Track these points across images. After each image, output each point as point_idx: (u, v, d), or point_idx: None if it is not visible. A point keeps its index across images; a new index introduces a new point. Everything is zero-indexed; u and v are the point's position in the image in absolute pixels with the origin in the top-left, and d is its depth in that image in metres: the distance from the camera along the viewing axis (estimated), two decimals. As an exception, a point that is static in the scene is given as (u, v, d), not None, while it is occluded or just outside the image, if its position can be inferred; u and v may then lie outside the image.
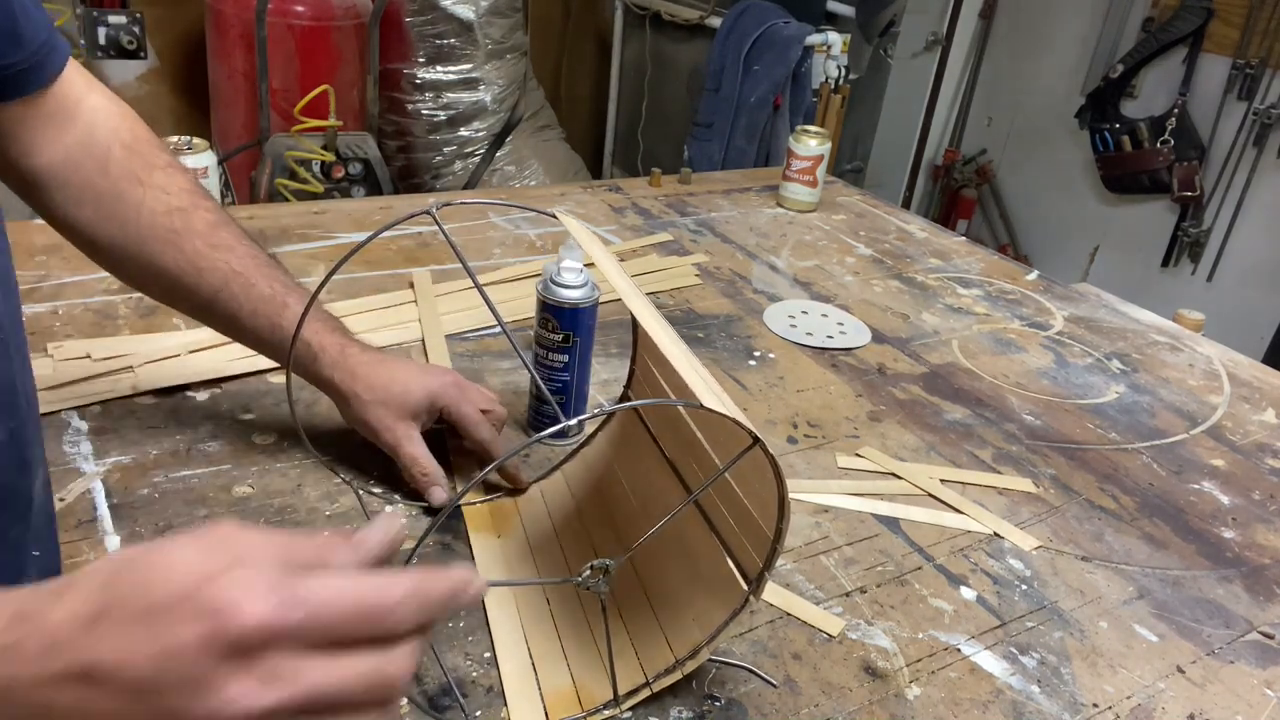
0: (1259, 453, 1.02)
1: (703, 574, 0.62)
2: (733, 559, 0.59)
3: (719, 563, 0.60)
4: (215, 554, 0.35)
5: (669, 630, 0.62)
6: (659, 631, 0.62)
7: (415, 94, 2.74)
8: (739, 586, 0.58)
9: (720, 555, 0.60)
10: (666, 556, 0.65)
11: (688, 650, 0.60)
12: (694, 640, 0.60)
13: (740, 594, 0.58)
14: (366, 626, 0.35)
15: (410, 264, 1.18)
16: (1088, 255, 3.13)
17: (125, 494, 0.74)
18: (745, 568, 0.58)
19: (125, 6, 2.19)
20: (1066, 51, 3.06)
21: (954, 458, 0.94)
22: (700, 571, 0.62)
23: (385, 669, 0.35)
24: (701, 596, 0.61)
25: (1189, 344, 1.25)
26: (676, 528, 0.63)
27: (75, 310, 0.99)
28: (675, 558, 0.64)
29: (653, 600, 0.64)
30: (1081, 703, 0.66)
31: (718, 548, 0.60)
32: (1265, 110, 2.62)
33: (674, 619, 0.62)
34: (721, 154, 2.79)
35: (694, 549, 0.63)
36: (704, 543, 0.62)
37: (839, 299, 1.25)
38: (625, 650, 0.62)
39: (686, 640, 0.60)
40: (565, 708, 0.60)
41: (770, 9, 2.74)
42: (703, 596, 0.61)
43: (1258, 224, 2.73)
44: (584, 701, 0.60)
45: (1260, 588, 0.81)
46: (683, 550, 0.64)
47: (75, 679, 0.33)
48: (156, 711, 0.33)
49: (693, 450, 0.63)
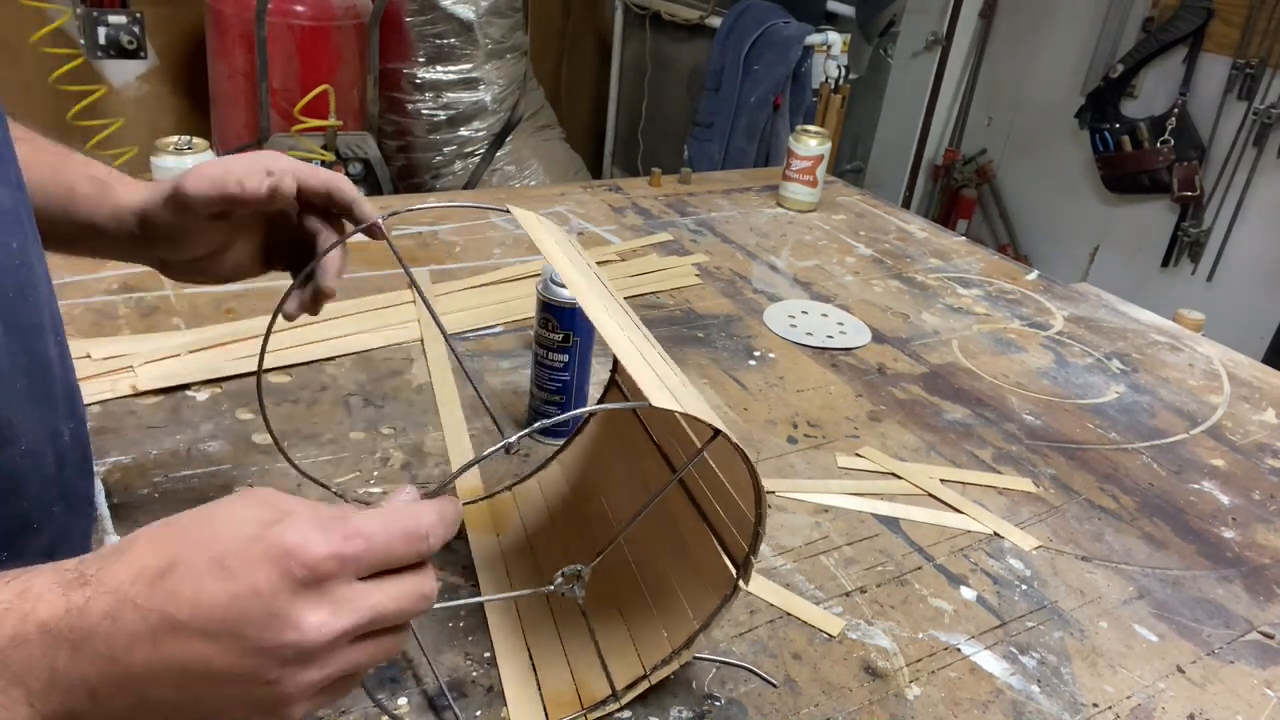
0: (1259, 453, 1.02)
1: (694, 562, 0.62)
2: (722, 546, 0.59)
3: (709, 550, 0.60)
4: (266, 508, 0.38)
5: (665, 621, 0.62)
6: (656, 622, 0.62)
7: (415, 94, 2.74)
8: (729, 573, 0.58)
9: (710, 542, 0.60)
10: (660, 546, 0.65)
11: (684, 639, 0.60)
12: (690, 629, 0.60)
13: (730, 580, 0.58)
14: (411, 550, 0.39)
15: (409, 264, 1.17)
16: (1088, 255, 3.13)
17: (125, 493, 0.74)
18: (735, 555, 0.58)
19: (125, 6, 2.19)
20: (1066, 51, 3.06)
21: (954, 458, 0.94)
22: (692, 560, 0.62)
23: (424, 586, 0.40)
24: (694, 584, 0.61)
25: (1189, 344, 1.25)
26: (668, 516, 0.63)
27: (75, 310, 0.99)
28: (668, 547, 0.64)
29: (648, 590, 0.64)
30: (1081, 702, 0.66)
31: (707, 535, 0.60)
32: (1265, 110, 2.62)
33: (669, 609, 0.62)
34: (721, 154, 2.79)
35: (685, 538, 0.63)
36: (694, 531, 0.62)
37: (839, 299, 1.25)
38: (624, 644, 0.62)
39: (683, 630, 0.60)
40: (566, 706, 0.60)
41: (770, 9, 2.74)
42: (695, 584, 0.61)
43: (1258, 224, 2.73)
44: (584, 699, 0.60)
45: (1260, 587, 0.81)
46: (675, 539, 0.64)
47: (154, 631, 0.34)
48: (244, 650, 0.35)
49: (677, 436, 0.63)
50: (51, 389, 0.45)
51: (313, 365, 0.95)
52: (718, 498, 0.60)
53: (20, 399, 0.41)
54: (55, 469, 0.44)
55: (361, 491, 0.78)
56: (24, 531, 0.41)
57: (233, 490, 0.76)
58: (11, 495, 0.41)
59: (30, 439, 0.42)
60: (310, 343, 0.97)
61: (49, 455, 0.44)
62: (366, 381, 0.93)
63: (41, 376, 0.44)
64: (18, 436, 0.41)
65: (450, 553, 0.73)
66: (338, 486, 0.77)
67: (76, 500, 0.48)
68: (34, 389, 0.42)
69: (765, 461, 0.89)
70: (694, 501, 0.63)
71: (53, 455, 0.44)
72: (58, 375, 0.46)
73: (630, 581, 0.66)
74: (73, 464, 0.47)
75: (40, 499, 0.43)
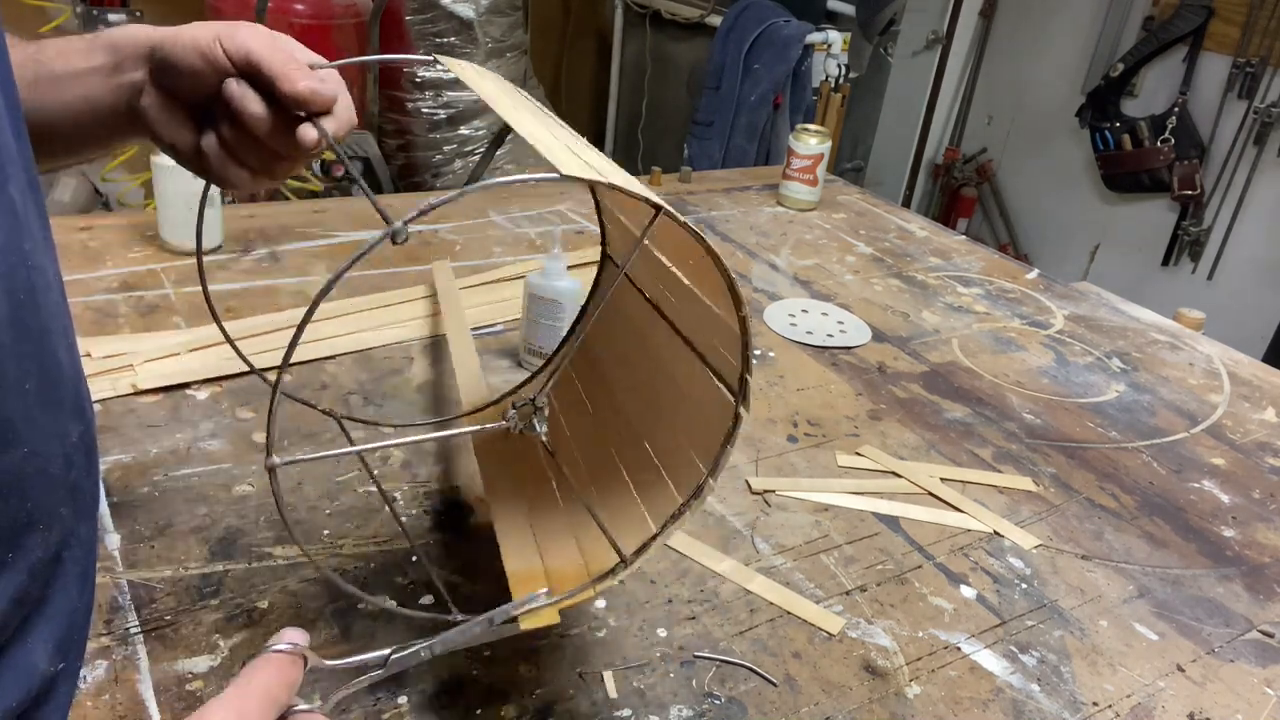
0: (1259, 451, 1.01)
1: (694, 404, 0.58)
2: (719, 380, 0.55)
3: (707, 386, 0.56)
4: None
5: (673, 476, 0.58)
6: (663, 481, 0.59)
7: (415, 92, 2.74)
8: (730, 406, 0.54)
9: (706, 376, 0.56)
10: (657, 398, 0.62)
11: (692, 490, 0.56)
12: (698, 477, 0.56)
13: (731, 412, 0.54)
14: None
15: (411, 262, 1.18)
16: (1088, 254, 3.13)
17: (126, 492, 0.74)
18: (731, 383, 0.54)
19: (125, 5, 2.18)
20: (1067, 50, 3.05)
21: (954, 456, 0.93)
22: (691, 403, 0.58)
23: None
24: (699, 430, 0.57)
25: (1189, 343, 1.25)
26: (664, 365, 0.60)
27: (75, 309, 0.99)
28: (666, 398, 0.62)
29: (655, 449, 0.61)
30: (1081, 701, 0.66)
31: (701, 369, 0.57)
32: (1265, 109, 2.62)
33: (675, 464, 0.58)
34: (721, 152, 2.79)
35: (681, 384, 0.60)
36: (688, 374, 0.59)
37: (839, 298, 1.25)
38: (630, 507, 0.59)
39: (690, 480, 0.56)
40: (571, 579, 0.57)
41: (771, 7, 2.74)
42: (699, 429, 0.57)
43: (1258, 223, 2.73)
44: (592, 570, 0.57)
45: (1260, 586, 0.81)
46: (672, 387, 0.61)
47: None
48: None
49: (666, 282, 0.60)
50: (61, 392, 0.45)
51: (313, 364, 0.95)
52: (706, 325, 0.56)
53: (27, 402, 0.41)
54: (62, 470, 0.44)
55: (362, 490, 0.78)
56: (29, 531, 0.41)
57: (231, 490, 0.76)
58: (14, 496, 0.41)
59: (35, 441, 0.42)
60: (310, 341, 0.97)
61: (56, 457, 0.44)
62: (367, 380, 0.93)
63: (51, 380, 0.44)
64: (20, 439, 0.41)
65: (448, 550, 0.73)
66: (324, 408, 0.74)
67: (84, 501, 0.48)
68: (42, 392, 0.42)
69: (765, 460, 0.89)
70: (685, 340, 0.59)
71: (60, 457, 0.44)
72: (68, 378, 0.46)
73: (633, 443, 0.62)
74: (80, 465, 0.47)
75: (46, 500, 0.43)
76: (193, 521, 0.72)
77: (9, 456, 0.40)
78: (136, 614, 0.63)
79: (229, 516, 0.73)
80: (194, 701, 0.58)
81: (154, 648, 0.61)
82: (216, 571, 0.68)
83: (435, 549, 0.73)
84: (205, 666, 0.60)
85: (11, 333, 0.40)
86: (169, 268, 1.09)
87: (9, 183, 0.40)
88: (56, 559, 0.42)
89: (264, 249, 1.18)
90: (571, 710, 0.61)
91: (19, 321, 0.40)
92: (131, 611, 0.64)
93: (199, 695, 0.58)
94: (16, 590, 0.38)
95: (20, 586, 0.38)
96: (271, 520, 0.73)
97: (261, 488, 0.76)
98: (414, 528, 0.75)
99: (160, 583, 0.66)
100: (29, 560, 0.39)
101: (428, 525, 0.76)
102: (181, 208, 1.09)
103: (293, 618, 0.65)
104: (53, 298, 0.45)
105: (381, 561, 0.71)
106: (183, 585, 0.66)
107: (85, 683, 0.58)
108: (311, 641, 0.63)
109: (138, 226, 1.17)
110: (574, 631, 0.67)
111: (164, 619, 0.63)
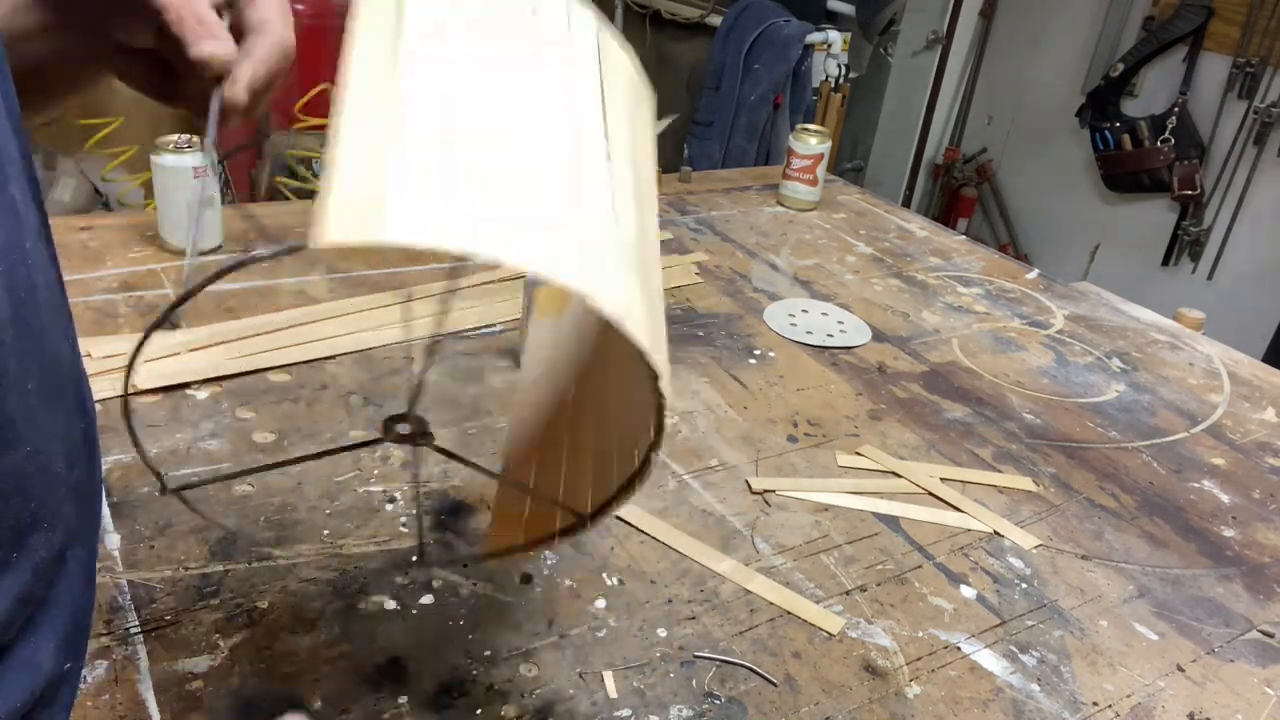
0: (1259, 451, 1.02)
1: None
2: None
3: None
4: None
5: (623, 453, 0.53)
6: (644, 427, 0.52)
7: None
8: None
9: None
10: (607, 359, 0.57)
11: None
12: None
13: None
14: None
15: (410, 262, 1.18)
16: (1088, 254, 3.13)
17: (125, 492, 0.74)
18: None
19: None
20: (1067, 50, 3.06)
21: (954, 456, 0.94)
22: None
23: None
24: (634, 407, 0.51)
25: (1189, 343, 1.25)
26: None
27: (75, 309, 0.98)
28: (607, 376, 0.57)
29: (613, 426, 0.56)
30: (1081, 701, 0.66)
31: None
32: (1266, 109, 2.62)
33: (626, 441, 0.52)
34: (722, 152, 2.79)
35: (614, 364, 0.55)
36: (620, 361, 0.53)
37: (839, 297, 1.25)
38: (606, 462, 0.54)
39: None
40: (539, 528, 0.54)
41: (771, 7, 2.74)
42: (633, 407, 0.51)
43: (1258, 223, 2.73)
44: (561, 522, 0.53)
45: (1260, 586, 0.81)
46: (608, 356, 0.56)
47: None
48: None
49: None
50: (62, 390, 0.45)
51: (312, 364, 0.95)
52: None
53: (29, 402, 0.41)
54: (65, 469, 0.44)
55: (361, 490, 0.78)
56: (32, 531, 0.41)
57: (232, 490, 0.76)
58: (17, 496, 0.41)
59: (37, 440, 0.42)
60: (310, 341, 0.97)
61: (58, 456, 0.44)
62: (367, 380, 0.93)
63: (52, 378, 0.44)
64: (22, 439, 0.41)
65: (447, 550, 0.73)
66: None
67: (86, 499, 0.48)
68: (44, 391, 0.42)
69: (765, 460, 0.89)
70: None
71: (62, 455, 0.44)
72: (70, 376, 0.46)
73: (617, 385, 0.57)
74: (83, 463, 0.47)
75: (49, 499, 0.43)
76: (193, 521, 0.72)
77: (11, 456, 0.40)
78: (136, 614, 0.63)
79: (229, 516, 0.73)
80: (194, 701, 0.58)
81: (154, 648, 0.61)
82: (216, 571, 0.68)
83: (435, 549, 0.73)
84: (205, 666, 0.60)
85: (13, 331, 0.40)
86: (169, 268, 1.09)
87: (9, 183, 0.40)
88: (60, 558, 0.42)
89: (264, 249, 1.17)
90: (571, 710, 0.61)
91: (20, 320, 0.41)
92: (131, 611, 0.64)
93: (199, 695, 0.58)
94: (21, 590, 0.38)
95: (25, 586, 0.38)
96: (272, 520, 0.73)
97: (261, 488, 0.76)
98: (414, 528, 0.75)
99: (160, 583, 0.66)
100: (33, 560, 0.39)
101: (428, 525, 0.76)
102: (182, 207, 1.09)
103: (293, 618, 0.65)
104: (54, 296, 0.45)
105: (382, 561, 0.71)
106: (183, 585, 0.66)
107: (85, 683, 0.58)
108: (312, 641, 0.63)
109: (138, 226, 1.17)
110: (574, 631, 0.67)
111: (164, 619, 0.63)
